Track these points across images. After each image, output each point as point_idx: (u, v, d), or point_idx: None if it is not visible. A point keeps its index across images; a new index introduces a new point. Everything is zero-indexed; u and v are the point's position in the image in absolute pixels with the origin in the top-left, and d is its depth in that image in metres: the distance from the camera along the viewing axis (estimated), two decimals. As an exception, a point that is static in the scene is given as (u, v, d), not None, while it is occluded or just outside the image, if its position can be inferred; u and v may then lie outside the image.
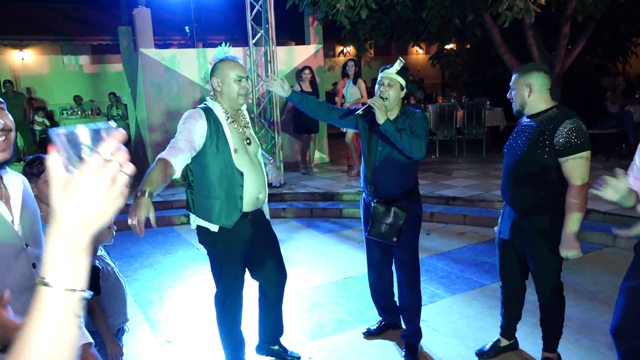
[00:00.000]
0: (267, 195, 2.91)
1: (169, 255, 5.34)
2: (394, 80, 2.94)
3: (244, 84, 2.73)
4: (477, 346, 3.23)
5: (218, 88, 2.74)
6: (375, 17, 9.06)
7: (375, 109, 2.81)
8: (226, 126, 2.70)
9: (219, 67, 2.74)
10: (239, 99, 2.73)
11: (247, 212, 2.76)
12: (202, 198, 2.73)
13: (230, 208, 2.70)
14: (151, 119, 8.22)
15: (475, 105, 9.26)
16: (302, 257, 5.15)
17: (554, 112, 2.65)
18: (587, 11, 6.69)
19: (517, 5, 5.74)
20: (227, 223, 2.71)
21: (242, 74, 2.73)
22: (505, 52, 8.61)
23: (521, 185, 2.73)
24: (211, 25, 11.63)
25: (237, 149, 2.70)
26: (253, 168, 2.77)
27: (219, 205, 2.69)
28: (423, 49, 16.13)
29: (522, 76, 2.71)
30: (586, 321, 3.50)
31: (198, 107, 2.77)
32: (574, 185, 2.55)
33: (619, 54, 11.07)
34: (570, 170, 2.56)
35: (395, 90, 2.95)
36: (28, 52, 13.53)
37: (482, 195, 6.51)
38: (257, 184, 2.78)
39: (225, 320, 2.93)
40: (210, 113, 2.70)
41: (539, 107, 2.69)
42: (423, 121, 2.97)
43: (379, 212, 3.01)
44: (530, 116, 2.74)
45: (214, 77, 2.74)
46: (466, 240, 5.38)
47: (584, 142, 2.54)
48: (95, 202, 0.76)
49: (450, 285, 4.23)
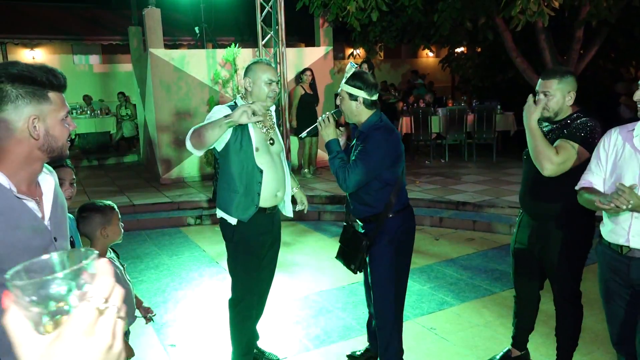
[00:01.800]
0: (287, 193, 3.00)
1: (174, 257, 5.31)
2: (343, 92, 2.69)
3: (274, 87, 2.78)
4: (487, 356, 3.16)
5: (249, 88, 2.80)
6: (385, 19, 9.00)
7: (319, 129, 2.75)
8: (251, 125, 2.75)
9: (252, 69, 2.80)
10: (267, 101, 2.78)
11: (265, 207, 2.83)
12: (224, 191, 2.83)
13: (248, 202, 2.78)
14: (160, 119, 8.21)
15: (485, 109, 9.17)
16: (309, 261, 5.09)
17: (577, 115, 2.57)
18: (602, 15, 6.59)
19: (531, 9, 5.66)
20: (243, 216, 2.79)
21: (273, 78, 2.79)
22: (517, 56, 8.52)
23: (543, 192, 2.65)
24: (221, 26, 11.63)
25: (259, 147, 2.78)
26: (273, 167, 2.84)
27: (238, 199, 2.78)
28: (434, 52, 16.04)
29: (563, 81, 2.51)
30: (599, 332, 3.41)
31: (227, 104, 2.83)
32: (552, 157, 2.42)
33: (633, 59, 10.94)
34: (557, 147, 2.44)
35: (345, 103, 2.68)
36: (39, 51, 13.61)
37: (492, 201, 6.43)
38: (276, 182, 2.85)
39: (236, 320, 2.94)
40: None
41: (567, 112, 2.59)
42: (370, 150, 2.56)
43: (345, 235, 2.90)
44: (554, 122, 2.62)
45: (247, 77, 2.81)
46: (476, 247, 5.30)
47: (585, 137, 2.45)
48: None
49: (459, 293, 4.15)
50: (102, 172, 10.20)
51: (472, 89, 12.42)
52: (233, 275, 2.93)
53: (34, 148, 1.42)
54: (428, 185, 7.47)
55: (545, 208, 2.67)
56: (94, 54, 14.43)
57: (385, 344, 2.77)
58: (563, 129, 2.56)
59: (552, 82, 2.53)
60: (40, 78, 1.37)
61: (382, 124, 2.66)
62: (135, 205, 6.99)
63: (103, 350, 0.56)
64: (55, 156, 1.48)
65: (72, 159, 9.41)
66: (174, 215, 6.66)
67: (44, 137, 1.41)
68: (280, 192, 2.90)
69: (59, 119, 1.44)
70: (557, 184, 2.58)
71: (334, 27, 9.01)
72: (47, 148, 1.43)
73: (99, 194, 7.65)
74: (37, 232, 1.47)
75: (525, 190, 2.78)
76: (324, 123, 2.73)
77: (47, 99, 1.40)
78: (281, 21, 7.44)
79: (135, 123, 11.59)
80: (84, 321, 0.55)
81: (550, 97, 2.53)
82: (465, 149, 9.50)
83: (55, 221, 1.53)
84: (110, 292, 0.58)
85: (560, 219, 2.63)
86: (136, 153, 11.52)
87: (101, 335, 0.56)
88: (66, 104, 1.46)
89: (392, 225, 2.69)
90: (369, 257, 2.76)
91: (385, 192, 2.67)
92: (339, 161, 2.64)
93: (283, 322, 3.77)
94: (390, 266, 2.70)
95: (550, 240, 2.67)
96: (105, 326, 0.56)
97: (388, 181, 2.66)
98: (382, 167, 2.61)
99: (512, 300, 3.10)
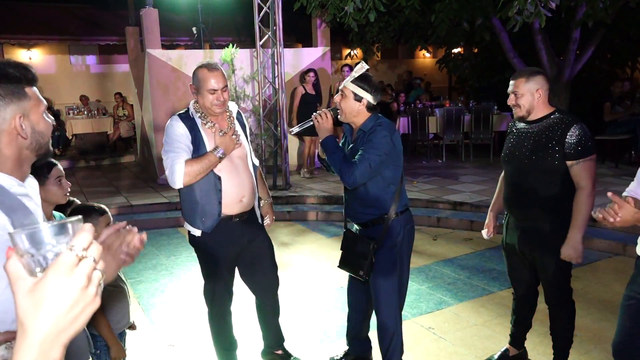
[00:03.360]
0: (256, 198, 2.87)
1: (172, 257, 5.30)
2: (347, 90, 2.61)
3: (218, 95, 2.62)
4: (485, 355, 3.17)
5: (194, 95, 2.70)
6: (383, 20, 9.01)
7: (316, 124, 2.65)
8: (202, 131, 2.67)
9: (195, 74, 2.67)
10: (213, 109, 2.65)
11: (231, 215, 2.73)
12: (185, 202, 2.74)
13: (209, 212, 2.68)
14: (157, 119, 8.20)
15: (482, 110, 9.20)
16: (307, 261, 5.10)
17: (558, 117, 2.61)
18: (598, 16, 6.61)
19: (528, 9, 5.67)
20: (205, 227, 2.70)
21: (216, 86, 2.61)
22: (513, 57, 8.55)
23: (529, 193, 2.67)
24: (218, 27, 11.64)
25: None
26: (234, 171, 2.71)
27: (200, 209, 2.68)
28: (431, 52, 16.07)
29: (530, 80, 2.61)
30: (597, 331, 3.43)
31: (176, 115, 2.71)
32: (584, 188, 2.53)
33: (629, 60, 10.99)
34: (581, 172, 2.53)
35: (348, 102, 2.61)
36: (35, 51, 13.58)
37: (490, 201, 6.40)
38: (239, 188, 2.72)
39: (213, 321, 2.95)
40: (188, 118, 2.67)
41: (542, 112, 2.65)
42: (377, 142, 2.53)
43: (347, 241, 2.78)
44: (530, 122, 2.68)
45: (191, 83, 2.69)
46: (473, 246, 5.31)
47: (592, 145, 2.55)
48: (70, 307, 0.67)
49: (457, 292, 4.16)
50: (99, 172, 10.18)
51: (469, 90, 12.45)
52: (204, 282, 2.91)
53: (23, 148, 1.37)
54: (426, 185, 7.48)
55: (531, 210, 2.69)
56: (90, 54, 14.41)
57: (388, 344, 2.75)
58: (550, 132, 2.58)
59: (520, 82, 2.63)
60: (14, 74, 1.32)
61: (385, 122, 2.64)
62: (132, 205, 6.98)
63: (79, 288, 0.67)
64: (42, 153, 1.43)
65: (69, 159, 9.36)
66: (172, 216, 6.65)
67: (31, 134, 1.37)
68: (245, 197, 2.75)
69: (41, 114, 1.40)
70: (543, 182, 2.62)
71: (331, 27, 9.02)
72: (36, 146, 1.39)
73: (96, 195, 7.64)
74: None
75: (510, 193, 2.80)
76: (322, 118, 2.62)
77: (26, 95, 1.35)
78: (279, 22, 7.44)
79: (132, 123, 11.58)
80: (65, 264, 0.67)
81: (519, 96, 2.63)
82: (462, 149, 9.53)
83: None
84: (88, 245, 0.69)
85: (546, 220, 2.65)
86: (133, 153, 11.50)
87: (78, 277, 0.67)
88: (42, 98, 1.42)
89: (396, 226, 2.66)
90: (377, 262, 2.68)
91: (390, 191, 2.64)
92: (341, 155, 2.57)
93: (281, 322, 3.77)
94: (395, 268, 2.68)
95: (538, 241, 2.69)
96: (82, 270, 0.68)
97: (391, 180, 2.63)
98: (389, 160, 2.57)
99: (509, 299, 3.12)
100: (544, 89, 2.62)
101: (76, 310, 0.68)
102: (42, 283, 0.66)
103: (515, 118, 2.76)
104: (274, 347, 3.19)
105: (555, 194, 2.61)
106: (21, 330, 0.67)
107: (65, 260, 0.67)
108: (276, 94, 7.69)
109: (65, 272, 0.66)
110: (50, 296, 0.66)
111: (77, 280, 0.67)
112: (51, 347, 0.67)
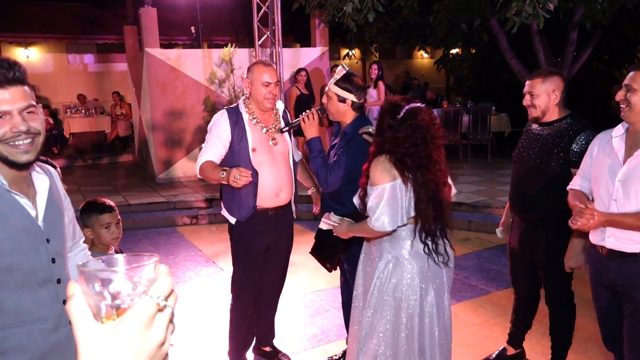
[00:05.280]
0: (293, 193, 2.95)
1: (171, 257, 5.30)
2: (331, 92, 2.69)
3: (271, 89, 2.76)
4: (483, 355, 3.18)
5: (247, 89, 2.83)
6: (381, 20, 9.02)
7: (302, 125, 2.71)
8: (248, 125, 2.77)
9: (251, 69, 2.82)
10: (264, 102, 2.77)
11: (267, 208, 2.81)
12: (226, 190, 2.85)
13: (244, 203, 2.78)
14: (155, 118, 8.19)
15: (480, 111, 9.22)
16: (306, 260, 5.08)
17: (569, 122, 2.59)
18: (596, 18, 6.63)
19: (526, 11, 5.68)
20: (240, 216, 2.81)
21: (271, 79, 2.76)
22: (511, 58, 8.56)
23: (532, 194, 2.68)
24: (217, 26, 11.63)
25: (257, 147, 2.76)
26: (274, 166, 2.81)
27: (237, 199, 2.79)
28: (429, 53, 16.10)
29: (547, 81, 2.57)
30: (595, 331, 3.43)
31: (225, 108, 2.88)
32: None
33: (626, 62, 11.02)
34: None
35: (333, 103, 2.69)
36: (33, 50, 13.54)
37: (487, 202, 6.46)
38: (276, 183, 2.81)
39: (235, 313, 2.98)
40: (235, 113, 2.80)
41: (556, 114, 2.62)
42: (354, 151, 2.58)
43: (321, 233, 2.73)
44: (543, 124, 2.67)
45: (247, 77, 2.84)
46: (471, 247, 5.33)
47: None
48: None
49: (455, 292, 4.17)
50: (97, 171, 10.16)
51: (467, 90, 12.47)
52: (234, 271, 2.96)
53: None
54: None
55: (534, 210, 2.70)
56: (88, 53, 14.36)
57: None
58: (558, 138, 2.58)
59: (536, 82, 2.60)
60: None
61: (367, 129, 2.64)
62: (131, 204, 6.98)
63: (156, 344, 0.58)
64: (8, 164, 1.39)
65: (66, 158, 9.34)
66: (170, 215, 6.65)
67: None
68: (283, 192, 2.85)
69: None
70: (545, 186, 2.62)
71: (329, 27, 9.03)
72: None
73: (94, 194, 7.62)
74: (29, 232, 1.43)
75: (514, 192, 2.81)
76: (308, 120, 2.69)
77: None
78: (277, 21, 7.45)
79: (130, 122, 11.56)
80: (145, 313, 0.57)
81: (535, 96, 2.60)
82: (460, 150, 9.55)
83: (50, 221, 1.50)
84: (168, 293, 0.60)
85: (548, 220, 2.66)
86: (131, 152, 11.48)
87: (158, 330, 0.58)
88: (19, 98, 1.36)
89: None
90: (345, 258, 2.79)
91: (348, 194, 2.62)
92: (320, 160, 2.67)
93: (281, 321, 3.78)
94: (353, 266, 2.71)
95: (539, 241, 2.70)
96: (162, 322, 0.58)
97: None
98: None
99: (507, 299, 3.14)
100: (560, 90, 2.58)
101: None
102: (117, 333, 0.56)
103: (530, 119, 2.72)
104: (263, 344, 3.21)
105: (558, 198, 2.60)
106: None
107: (145, 309, 0.57)
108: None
109: (144, 324, 0.56)
110: (124, 349, 0.56)
111: (156, 335, 0.58)
112: None
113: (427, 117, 2.12)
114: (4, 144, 1.37)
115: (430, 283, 2.19)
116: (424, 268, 2.19)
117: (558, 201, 2.61)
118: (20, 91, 1.37)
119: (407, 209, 2.13)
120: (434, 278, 2.20)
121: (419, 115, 2.11)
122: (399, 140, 2.10)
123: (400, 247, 2.21)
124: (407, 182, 2.10)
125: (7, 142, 1.36)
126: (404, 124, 2.10)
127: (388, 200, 2.10)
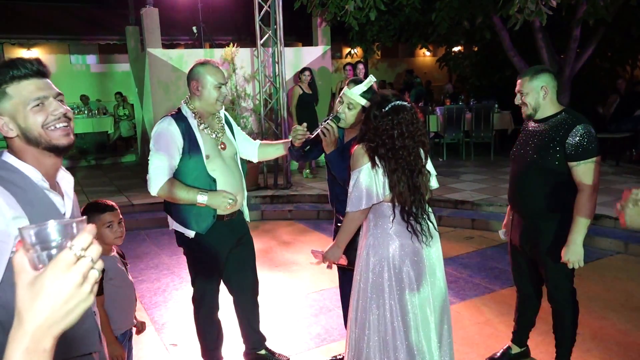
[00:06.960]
0: (245, 197, 2.90)
1: (174, 257, 5.30)
2: (356, 103, 2.63)
3: (223, 91, 2.67)
4: (488, 353, 3.17)
5: (197, 92, 2.66)
6: (383, 18, 9.01)
7: (323, 139, 2.64)
8: (197, 133, 2.66)
9: (199, 71, 2.65)
10: (216, 105, 2.67)
11: (223, 215, 2.73)
12: (179, 205, 2.69)
13: (204, 214, 2.67)
14: (158, 118, 8.14)
15: (483, 108, 9.20)
16: (309, 260, 5.09)
17: (563, 117, 2.61)
18: (599, 14, 6.60)
19: (528, 8, 5.66)
20: (200, 229, 2.70)
21: (223, 81, 2.66)
22: (514, 55, 8.54)
23: (531, 192, 2.69)
24: (219, 26, 11.63)
25: (210, 154, 2.66)
26: (228, 172, 2.73)
27: (195, 211, 2.65)
28: (431, 51, 16.08)
29: (535, 78, 2.62)
30: (598, 329, 3.44)
31: (169, 115, 2.69)
32: (585, 190, 2.53)
33: (629, 58, 10.98)
34: (582, 174, 2.53)
35: (355, 114, 2.66)
36: (35, 51, 13.58)
37: (491, 200, 6.45)
38: (232, 188, 2.72)
39: (201, 322, 2.96)
40: (182, 120, 2.65)
41: (550, 110, 2.65)
42: None
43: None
44: (538, 120, 2.68)
45: (193, 80, 2.65)
46: (474, 245, 5.32)
47: (595, 147, 2.53)
48: (64, 302, 0.72)
49: (459, 291, 4.17)
50: (100, 172, 10.18)
51: (470, 88, 12.45)
52: (194, 282, 2.89)
53: (21, 144, 1.43)
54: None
55: (533, 207, 2.70)
56: (91, 53, 14.41)
57: None
58: (554, 132, 2.58)
59: (525, 80, 2.65)
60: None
61: None
62: (134, 205, 6.99)
63: (73, 285, 0.72)
64: (51, 147, 1.45)
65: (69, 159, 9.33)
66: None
67: (20, 131, 1.42)
68: (239, 196, 2.75)
69: (29, 110, 1.41)
70: (544, 182, 2.62)
71: (331, 26, 9.02)
72: (33, 140, 1.43)
73: (98, 194, 7.64)
74: None
75: (513, 189, 2.81)
76: (328, 133, 2.62)
77: (5, 95, 1.40)
78: (279, 21, 7.43)
79: (132, 123, 11.58)
80: (63, 261, 0.72)
81: (524, 94, 2.64)
82: (463, 148, 9.53)
83: None
84: (88, 246, 0.74)
85: (548, 218, 2.66)
86: (134, 153, 11.50)
87: (74, 275, 0.72)
88: (40, 90, 1.43)
89: None
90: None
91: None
92: (344, 166, 2.60)
93: (284, 321, 3.78)
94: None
95: (539, 239, 2.70)
96: (78, 269, 0.73)
97: None
98: None
99: (511, 297, 3.12)
100: (550, 87, 2.61)
101: (69, 305, 0.73)
102: (41, 277, 0.72)
103: (524, 117, 2.76)
104: (256, 348, 3.16)
105: (557, 194, 2.61)
106: (17, 319, 0.72)
107: (63, 258, 0.72)
108: (277, 93, 7.69)
109: (62, 269, 0.72)
110: (46, 290, 0.71)
111: (73, 278, 0.72)
112: (43, 337, 0.72)
113: (409, 116, 2.28)
114: (45, 129, 1.42)
115: (408, 258, 2.35)
116: (405, 244, 2.34)
117: (557, 197, 2.61)
118: (49, 83, 1.48)
119: (383, 191, 2.29)
120: (412, 255, 2.37)
121: (401, 112, 2.26)
122: (378, 131, 2.28)
123: (383, 222, 2.37)
124: (375, 167, 2.27)
125: (48, 127, 1.42)
126: (385, 117, 2.26)
127: (358, 182, 2.30)
